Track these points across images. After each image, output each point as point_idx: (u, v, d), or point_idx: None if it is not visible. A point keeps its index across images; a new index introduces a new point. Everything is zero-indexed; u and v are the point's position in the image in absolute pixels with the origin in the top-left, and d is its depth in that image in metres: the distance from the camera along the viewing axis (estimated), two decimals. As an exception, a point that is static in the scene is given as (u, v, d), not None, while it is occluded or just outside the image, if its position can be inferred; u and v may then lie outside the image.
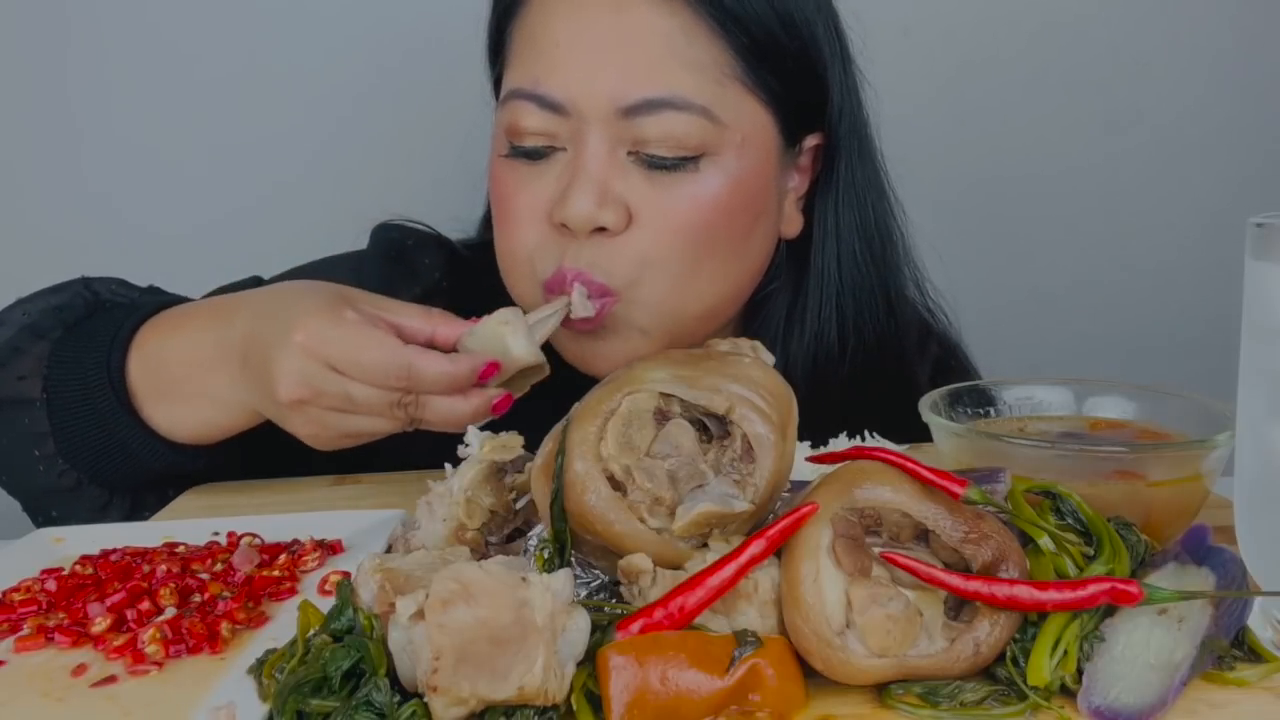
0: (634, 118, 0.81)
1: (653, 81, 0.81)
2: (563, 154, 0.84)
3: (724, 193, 0.84)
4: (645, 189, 0.83)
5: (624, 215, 0.82)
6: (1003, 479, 0.59)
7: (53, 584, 0.65)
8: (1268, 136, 1.60)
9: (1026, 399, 0.79)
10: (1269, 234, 0.55)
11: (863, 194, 0.95)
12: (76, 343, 0.86)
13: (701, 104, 0.82)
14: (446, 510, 0.65)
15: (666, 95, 0.81)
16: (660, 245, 0.83)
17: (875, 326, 0.96)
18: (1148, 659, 0.50)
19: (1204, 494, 0.68)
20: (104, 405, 0.83)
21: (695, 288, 0.86)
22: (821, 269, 0.95)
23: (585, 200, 0.81)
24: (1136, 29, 1.57)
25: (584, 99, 0.82)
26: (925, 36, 1.51)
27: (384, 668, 0.49)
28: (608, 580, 0.58)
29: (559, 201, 0.82)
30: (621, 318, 0.85)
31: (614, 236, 0.83)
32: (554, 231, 0.84)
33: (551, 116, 0.83)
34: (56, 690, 0.54)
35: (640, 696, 0.47)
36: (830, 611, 0.50)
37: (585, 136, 0.82)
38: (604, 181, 0.82)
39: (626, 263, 0.83)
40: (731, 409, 0.56)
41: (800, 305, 0.96)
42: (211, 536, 0.73)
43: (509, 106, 0.85)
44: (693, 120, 0.82)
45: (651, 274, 0.84)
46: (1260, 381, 0.57)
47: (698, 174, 0.83)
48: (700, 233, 0.84)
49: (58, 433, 0.84)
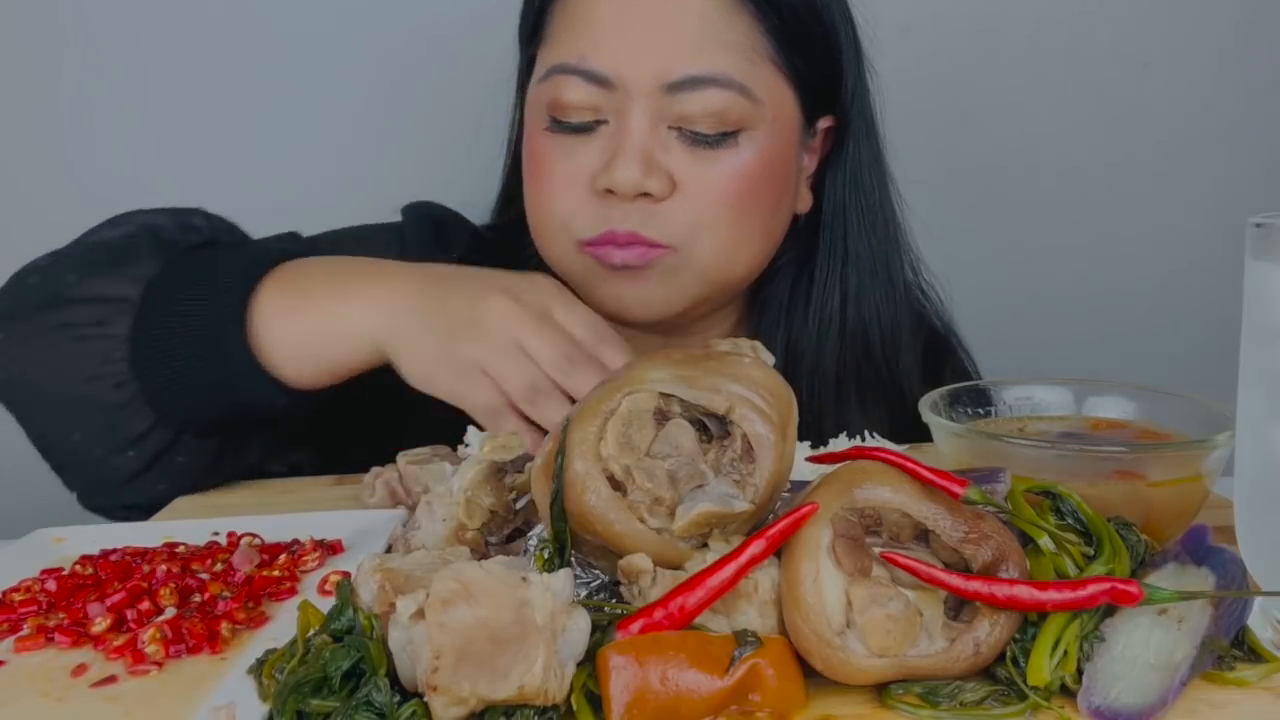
0: (677, 93, 0.86)
1: (696, 60, 0.86)
2: (605, 127, 0.89)
3: (759, 165, 0.90)
4: (687, 160, 0.88)
5: (668, 183, 0.88)
6: (1003, 479, 0.59)
7: (53, 584, 0.65)
8: (1268, 136, 1.60)
9: (1026, 399, 0.79)
10: (1269, 234, 0.55)
11: (869, 173, 1.01)
12: (203, 258, 0.85)
13: (740, 82, 0.88)
14: (446, 510, 0.65)
15: (709, 73, 0.87)
16: (709, 211, 0.89)
17: (875, 299, 1.02)
18: (1148, 659, 0.50)
19: (1204, 494, 0.68)
20: (222, 320, 0.80)
21: (741, 251, 0.92)
22: (830, 243, 1.01)
23: (632, 167, 0.86)
24: (1137, 28, 1.57)
25: (630, 74, 0.86)
26: (925, 36, 1.51)
27: (384, 668, 0.49)
28: (608, 580, 0.58)
29: (604, 170, 0.87)
30: (669, 267, 0.90)
31: (658, 203, 0.88)
32: (595, 197, 0.89)
33: (596, 90, 0.87)
34: (56, 690, 0.54)
35: (640, 696, 0.47)
36: (830, 611, 0.50)
37: (629, 110, 0.87)
38: (648, 151, 0.87)
39: (678, 225, 0.89)
40: (731, 409, 0.56)
41: (806, 279, 1.02)
42: (211, 536, 0.73)
43: (551, 81, 0.90)
44: (732, 97, 0.87)
45: (705, 235, 0.89)
46: (1260, 382, 0.57)
47: (737, 148, 0.89)
48: (739, 200, 0.90)
49: (139, 337, 0.81)
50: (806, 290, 1.02)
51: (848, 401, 1.01)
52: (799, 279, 1.02)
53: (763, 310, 1.04)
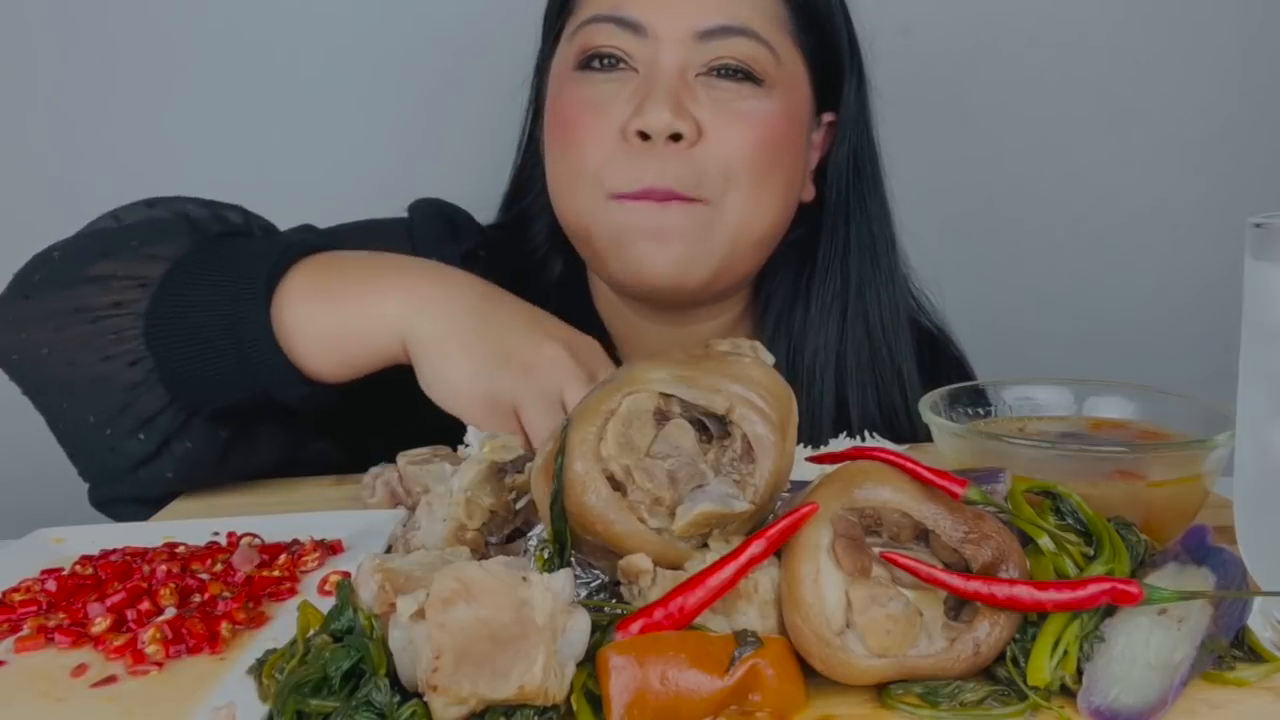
0: (709, 41, 0.91)
1: (728, 12, 0.91)
2: (633, 75, 0.92)
3: (780, 121, 0.94)
4: (713, 108, 0.91)
5: (695, 128, 0.90)
6: (1003, 479, 0.59)
7: (53, 584, 0.65)
8: (1268, 136, 1.60)
9: (1026, 399, 0.79)
10: (1269, 234, 0.55)
11: (868, 166, 1.05)
12: (234, 245, 0.85)
13: (768, 39, 0.93)
14: (446, 510, 0.65)
15: (740, 24, 0.92)
16: (736, 157, 0.92)
17: (875, 286, 1.05)
18: (1148, 659, 0.50)
19: (1204, 494, 0.68)
20: (248, 292, 0.80)
21: (766, 203, 0.95)
22: (833, 230, 1.05)
23: (662, 109, 0.88)
24: (1136, 29, 1.57)
25: (663, 23, 0.91)
26: (925, 36, 1.51)
27: (384, 668, 0.49)
28: (608, 580, 0.58)
29: (635, 113, 0.90)
30: (701, 223, 0.92)
31: (689, 148, 0.90)
32: (625, 145, 0.91)
33: (629, 36, 0.91)
34: (56, 690, 0.54)
35: (640, 696, 0.47)
36: (830, 611, 0.50)
37: (659, 57, 0.91)
38: (678, 95, 0.90)
39: (710, 173, 0.91)
40: (731, 409, 0.56)
41: (809, 268, 1.05)
42: (211, 536, 0.73)
43: (585, 30, 0.93)
44: (760, 49, 0.92)
45: (733, 187, 0.92)
46: (1260, 382, 0.57)
47: (759, 98, 0.93)
48: (764, 150, 0.93)
49: (155, 314, 0.80)
50: (809, 278, 1.05)
51: (849, 387, 1.04)
52: (801, 270, 1.06)
53: (768, 301, 1.07)
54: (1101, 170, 1.60)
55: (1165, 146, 1.60)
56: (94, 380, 0.81)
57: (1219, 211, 1.56)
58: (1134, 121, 1.59)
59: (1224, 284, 0.81)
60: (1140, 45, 1.58)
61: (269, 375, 0.81)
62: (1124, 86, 1.58)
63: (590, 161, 0.92)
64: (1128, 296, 1.63)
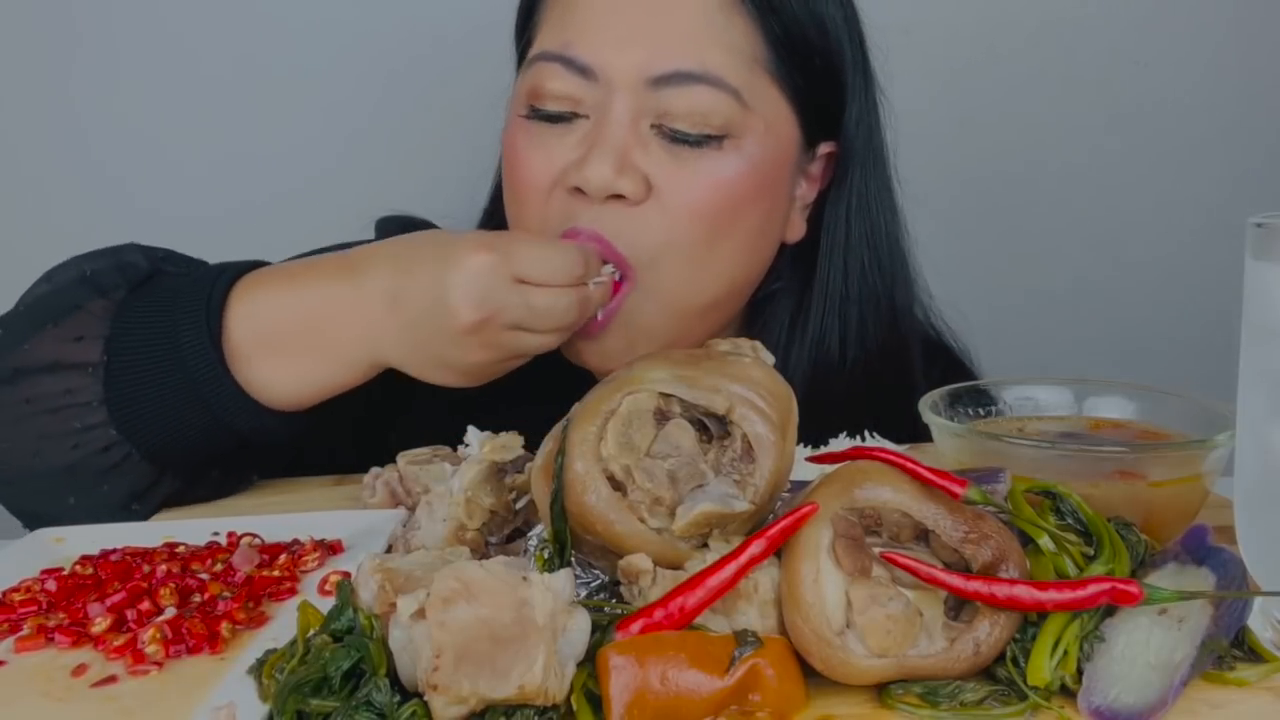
0: (662, 89, 0.82)
1: (686, 55, 0.82)
2: (584, 122, 0.84)
3: (743, 178, 0.84)
4: (666, 163, 0.82)
5: (643, 186, 0.82)
6: (1003, 479, 0.59)
7: (53, 584, 0.65)
8: (1268, 136, 1.60)
9: (1026, 399, 0.79)
10: (1269, 234, 0.55)
11: (874, 207, 0.95)
12: (154, 300, 0.80)
13: (733, 84, 0.82)
14: (446, 510, 0.65)
15: (699, 70, 0.82)
16: (679, 224, 0.83)
17: (878, 337, 0.96)
18: (1148, 659, 0.50)
19: (1204, 494, 0.68)
20: (196, 364, 0.76)
21: (707, 274, 0.86)
22: (828, 277, 0.94)
23: (604, 165, 0.80)
24: (1136, 28, 1.57)
25: (613, 65, 0.82)
26: (925, 36, 1.51)
27: (384, 668, 0.49)
28: (608, 580, 0.58)
29: (576, 165, 0.82)
30: (630, 311, 0.84)
31: (631, 207, 0.82)
32: (568, 196, 0.83)
33: (578, 81, 0.83)
34: (56, 690, 0.54)
35: (640, 696, 0.47)
36: (830, 611, 0.50)
37: (610, 104, 0.82)
38: (625, 150, 0.82)
39: (647, 238, 0.83)
40: (731, 409, 0.56)
41: (803, 312, 0.95)
42: (211, 536, 0.73)
43: (535, 69, 0.85)
44: (722, 98, 0.82)
45: (669, 256, 0.83)
46: (1260, 382, 0.57)
47: (720, 154, 0.83)
48: (718, 215, 0.84)
49: (114, 399, 0.77)
50: (804, 323, 0.95)
51: (852, 385, 0.96)
52: (797, 312, 0.96)
53: (766, 315, 0.99)
54: (1101, 170, 1.60)
55: (1165, 146, 1.60)
56: (67, 468, 0.78)
57: (1219, 211, 1.56)
58: (1134, 121, 1.59)
59: (1224, 284, 0.80)
60: (1140, 44, 1.58)
61: (252, 427, 0.80)
62: (1125, 86, 1.58)
63: (528, 213, 0.87)
64: (1128, 296, 1.63)
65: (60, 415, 0.77)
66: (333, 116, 1.52)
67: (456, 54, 1.48)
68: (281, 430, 0.82)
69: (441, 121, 1.49)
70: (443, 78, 1.49)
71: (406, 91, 1.52)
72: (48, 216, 1.47)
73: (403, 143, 1.52)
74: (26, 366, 0.78)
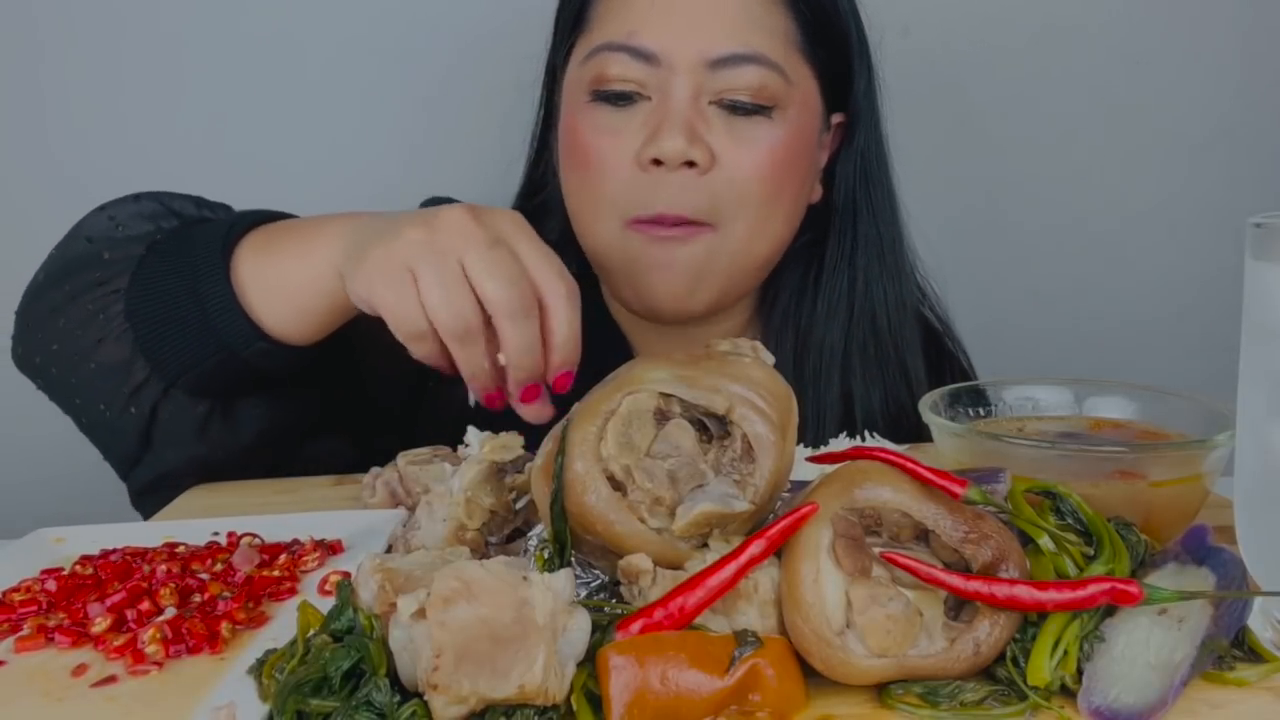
0: (720, 69, 0.92)
1: (737, 39, 0.93)
2: (646, 103, 0.94)
3: (790, 143, 0.96)
4: (726, 136, 0.93)
5: (709, 154, 0.92)
6: (1003, 479, 0.59)
7: (53, 584, 0.65)
8: (1268, 136, 1.60)
9: (1026, 399, 0.79)
10: (1269, 234, 0.55)
11: (875, 164, 1.07)
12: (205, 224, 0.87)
13: (777, 62, 0.94)
14: (446, 510, 0.65)
15: (749, 51, 0.93)
16: (748, 186, 0.94)
17: (882, 282, 1.06)
18: (1148, 659, 0.50)
19: (1204, 494, 0.68)
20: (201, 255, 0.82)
21: (771, 228, 0.98)
22: (840, 229, 1.06)
23: (677, 137, 0.91)
24: (1137, 29, 1.57)
25: (676, 50, 0.92)
26: (925, 36, 1.51)
27: (384, 668, 0.49)
28: (608, 580, 0.58)
29: (649, 140, 0.92)
30: (705, 251, 0.95)
31: (701, 175, 0.92)
32: (640, 172, 0.93)
33: (642, 66, 0.93)
34: (56, 690, 0.54)
35: (640, 696, 0.47)
36: (830, 611, 0.50)
37: (672, 85, 0.93)
38: (691, 123, 0.92)
39: (722, 197, 0.93)
40: (731, 409, 0.56)
41: (816, 265, 1.07)
42: (211, 536, 0.73)
43: (597, 59, 0.95)
44: (771, 75, 0.94)
45: (742, 213, 0.95)
46: (1260, 382, 0.57)
47: (771, 124, 0.95)
48: (775, 176, 0.96)
49: (134, 289, 0.83)
50: (817, 275, 1.07)
51: (855, 379, 1.05)
52: (809, 267, 1.07)
53: (775, 300, 1.08)
54: (1101, 170, 1.60)
55: (1165, 146, 1.60)
56: (98, 367, 0.84)
57: (1219, 211, 1.56)
58: (1134, 121, 1.59)
59: (1224, 284, 0.81)
60: (1140, 45, 1.58)
61: (230, 333, 0.82)
62: (1124, 86, 1.58)
63: (608, 190, 0.95)
64: (1128, 296, 1.63)
65: (92, 307, 0.84)
66: (350, 105, 1.51)
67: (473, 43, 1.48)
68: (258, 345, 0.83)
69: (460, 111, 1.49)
70: (458, 69, 1.49)
71: (425, 81, 1.51)
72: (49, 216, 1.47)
73: (420, 134, 1.52)
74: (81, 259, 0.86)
